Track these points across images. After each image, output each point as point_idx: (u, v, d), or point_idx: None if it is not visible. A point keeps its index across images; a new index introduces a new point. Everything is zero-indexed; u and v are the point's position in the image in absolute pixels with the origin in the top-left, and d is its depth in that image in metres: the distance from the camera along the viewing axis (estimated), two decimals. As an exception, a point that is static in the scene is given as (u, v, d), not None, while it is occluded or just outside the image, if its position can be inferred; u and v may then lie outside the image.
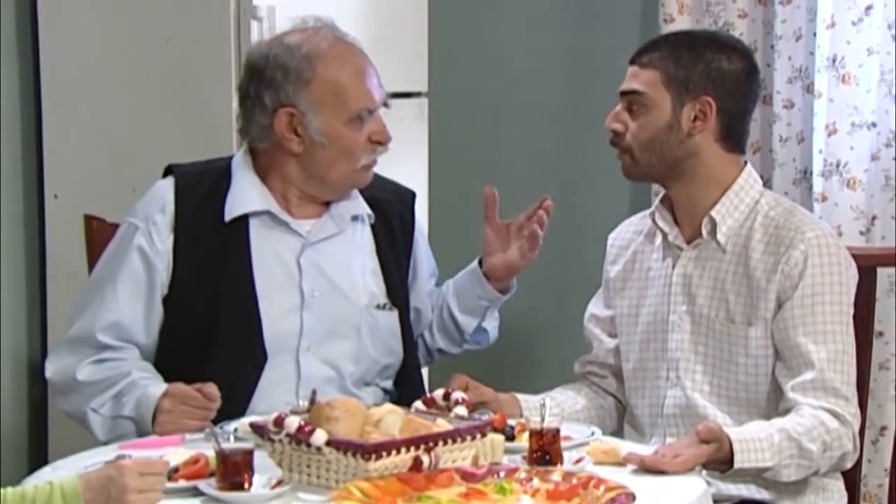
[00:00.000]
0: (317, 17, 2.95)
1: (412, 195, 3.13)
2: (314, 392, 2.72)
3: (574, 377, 3.09)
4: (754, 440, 2.62)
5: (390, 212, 3.05)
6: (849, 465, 2.79)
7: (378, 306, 2.98)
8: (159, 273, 2.88)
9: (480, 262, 3.10)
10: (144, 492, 2.20)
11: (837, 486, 2.90)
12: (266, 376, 2.87)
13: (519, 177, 4.48)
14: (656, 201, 2.96)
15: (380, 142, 2.91)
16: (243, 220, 2.90)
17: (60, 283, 3.84)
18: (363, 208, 2.99)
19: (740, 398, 2.81)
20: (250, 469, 2.34)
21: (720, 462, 2.58)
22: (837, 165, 3.88)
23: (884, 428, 3.84)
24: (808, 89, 3.93)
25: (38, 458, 3.67)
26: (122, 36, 3.74)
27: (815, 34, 3.89)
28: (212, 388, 2.69)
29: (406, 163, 3.85)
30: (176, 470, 2.38)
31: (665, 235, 2.91)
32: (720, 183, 2.85)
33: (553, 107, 4.43)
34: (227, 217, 2.89)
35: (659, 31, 4.10)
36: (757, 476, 2.70)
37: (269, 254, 2.91)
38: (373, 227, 3.02)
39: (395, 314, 3.00)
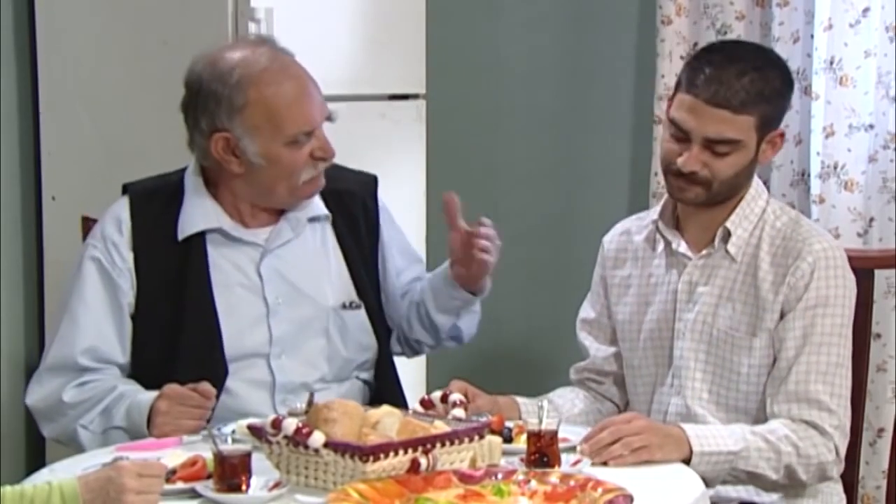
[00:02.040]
0: (257, 35, 2.91)
1: (374, 180, 3.11)
2: (312, 394, 2.73)
3: (568, 382, 3.08)
4: (710, 428, 2.66)
5: (353, 203, 3.04)
6: (833, 474, 2.79)
7: (345, 306, 2.98)
8: (124, 292, 2.89)
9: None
10: (143, 493, 2.20)
11: (836, 489, 2.90)
12: (241, 382, 2.88)
13: (517, 178, 4.48)
14: (657, 207, 2.95)
15: (322, 158, 2.88)
16: (200, 236, 2.90)
17: (58, 285, 3.83)
18: (319, 209, 2.98)
19: (739, 407, 2.82)
20: (248, 471, 2.34)
21: (678, 441, 2.59)
22: (835, 167, 3.88)
23: (881, 430, 3.84)
24: (806, 91, 3.93)
25: (36, 460, 3.67)
26: (120, 38, 3.73)
27: (812, 36, 3.89)
28: (207, 386, 2.71)
29: (404, 164, 3.85)
30: (174, 472, 2.38)
31: (668, 244, 2.90)
32: (737, 197, 2.86)
33: (551, 108, 4.43)
34: (181, 235, 2.89)
35: (656, 33, 4.10)
36: (749, 479, 2.71)
37: (228, 266, 2.91)
38: (334, 224, 3.01)
39: (361, 311, 3.00)
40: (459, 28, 4.39)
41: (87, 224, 3.26)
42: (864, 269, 3.00)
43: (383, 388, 3.02)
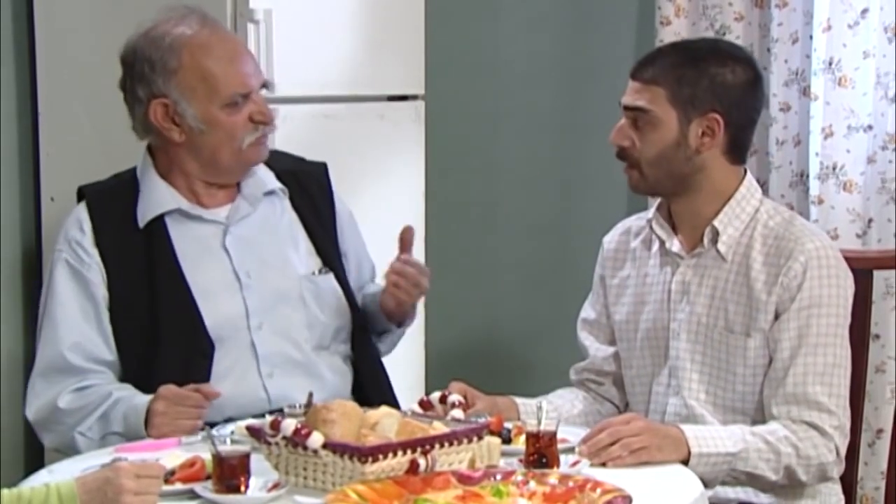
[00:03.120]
0: (185, 6, 2.96)
1: (324, 165, 3.15)
2: (311, 395, 2.73)
3: (570, 384, 3.08)
4: (709, 429, 2.66)
5: (307, 181, 3.08)
6: (833, 475, 2.79)
7: (314, 272, 3.01)
8: (96, 284, 2.90)
9: None
10: (141, 494, 2.19)
11: (834, 489, 2.90)
12: (224, 361, 2.89)
13: (515, 179, 4.48)
14: (653, 208, 2.96)
15: (262, 122, 2.92)
16: (160, 222, 2.93)
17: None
18: (273, 183, 3.02)
19: (736, 407, 2.81)
20: (247, 472, 2.34)
21: (677, 442, 2.60)
22: (834, 168, 3.88)
23: (880, 431, 3.84)
24: (805, 92, 3.93)
25: (34, 461, 3.66)
26: (119, 39, 3.71)
27: (811, 37, 3.89)
28: (210, 387, 2.72)
29: (402, 166, 3.85)
30: (172, 473, 2.38)
31: (662, 243, 2.90)
32: (723, 193, 2.84)
33: (549, 110, 4.43)
34: (141, 222, 2.92)
35: (655, 34, 4.10)
36: (748, 480, 2.71)
37: (194, 247, 2.94)
38: (291, 200, 3.05)
39: (331, 277, 3.03)
40: (458, 29, 4.39)
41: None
42: (862, 269, 3.00)
43: (362, 363, 3.05)
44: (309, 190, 3.08)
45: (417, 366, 3.78)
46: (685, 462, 2.60)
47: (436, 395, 2.59)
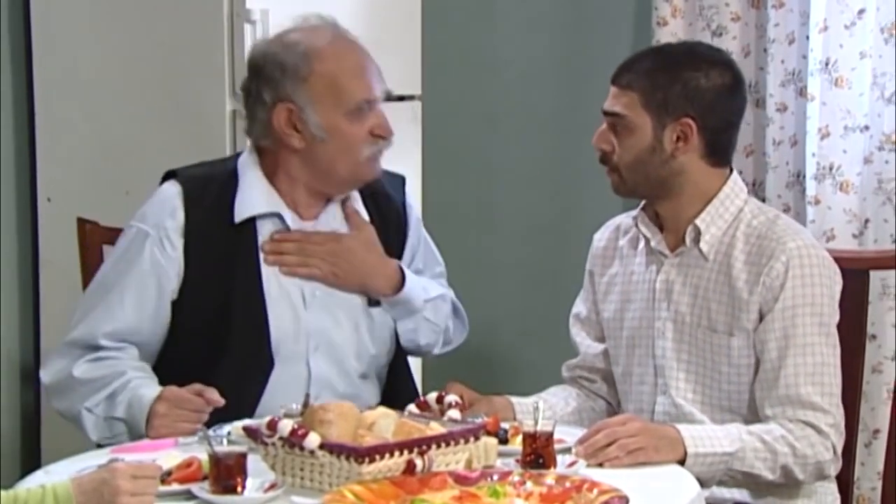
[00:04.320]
0: (318, 16, 2.97)
1: (403, 181, 3.15)
2: (307, 395, 2.73)
3: (563, 381, 3.09)
4: (706, 429, 2.67)
5: (387, 207, 3.07)
6: (831, 472, 2.79)
7: (371, 303, 3.00)
8: (170, 279, 2.89)
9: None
10: (137, 495, 2.19)
11: (830, 489, 2.90)
12: (277, 379, 2.89)
13: (512, 180, 4.48)
14: (640, 206, 2.96)
15: (381, 135, 2.92)
16: (251, 222, 2.92)
17: (54, 287, 3.84)
18: (360, 208, 3.01)
19: (724, 406, 2.82)
20: (243, 472, 2.34)
21: (673, 442, 2.60)
22: (830, 169, 3.88)
23: (877, 431, 3.84)
24: (801, 93, 3.93)
25: (31, 461, 3.67)
26: (116, 39, 3.74)
27: (807, 37, 3.89)
28: (214, 394, 2.70)
29: (399, 166, 3.83)
30: (169, 473, 2.38)
31: (648, 241, 2.90)
32: (705, 194, 2.85)
33: (546, 110, 4.43)
34: (238, 217, 2.90)
35: (652, 35, 4.10)
36: (745, 480, 2.71)
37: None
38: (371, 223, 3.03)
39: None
40: (455, 29, 4.39)
41: (83, 225, 3.25)
42: (859, 270, 3.00)
43: (399, 390, 3.03)
44: (387, 216, 3.06)
45: (414, 366, 3.78)
46: (682, 462, 2.60)
47: (432, 396, 2.59)
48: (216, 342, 2.87)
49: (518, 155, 4.47)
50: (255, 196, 2.92)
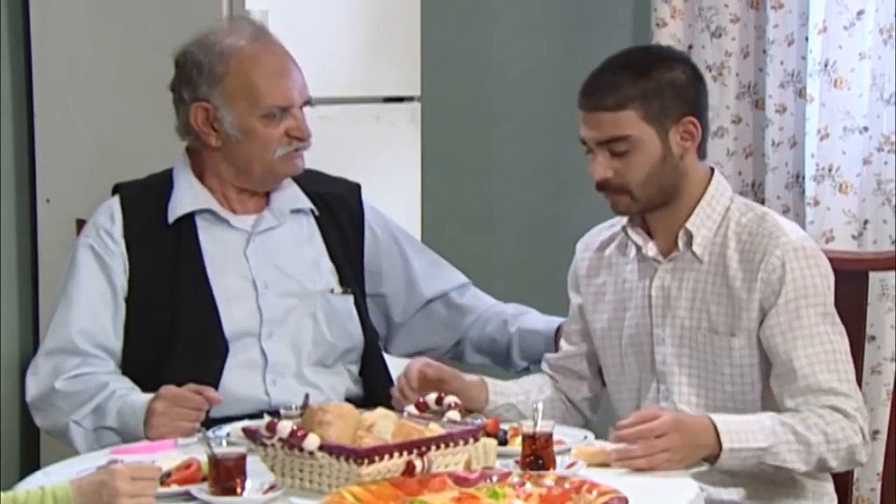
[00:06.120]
0: (247, 19, 3.00)
1: (357, 187, 3.17)
2: (307, 396, 2.73)
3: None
4: (741, 422, 2.65)
5: (336, 204, 3.10)
6: (863, 458, 2.76)
7: (332, 291, 3.03)
8: (117, 275, 2.94)
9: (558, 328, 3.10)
10: (136, 496, 2.19)
11: (827, 489, 2.90)
12: (232, 364, 2.91)
13: (511, 181, 4.48)
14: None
15: (297, 137, 2.95)
16: (190, 220, 2.97)
17: (53, 288, 3.81)
18: (303, 202, 3.05)
19: (727, 407, 2.81)
20: (243, 474, 2.34)
21: (708, 448, 2.60)
22: (829, 170, 3.89)
23: (876, 432, 3.84)
24: (801, 94, 3.94)
25: (30, 463, 3.67)
26: (114, 41, 3.73)
27: (807, 39, 3.90)
28: (213, 392, 2.73)
29: (398, 167, 3.85)
30: (168, 475, 2.38)
31: (639, 248, 2.90)
32: (694, 194, 2.85)
33: (545, 111, 4.43)
34: (171, 217, 2.96)
35: (651, 36, 4.11)
36: (756, 477, 2.71)
37: (217, 249, 2.98)
38: (317, 219, 3.07)
39: (350, 298, 3.05)
40: (454, 30, 4.39)
41: (82, 226, 3.25)
42: (858, 271, 3.00)
43: (373, 386, 3.04)
44: (337, 215, 3.10)
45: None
46: (716, 456, 2.60)
47: (432, 397, 2.59)
48: (168, 336, 2.90)
49: (517, 156, 4.47)
50: (187, 196, 2.98)
